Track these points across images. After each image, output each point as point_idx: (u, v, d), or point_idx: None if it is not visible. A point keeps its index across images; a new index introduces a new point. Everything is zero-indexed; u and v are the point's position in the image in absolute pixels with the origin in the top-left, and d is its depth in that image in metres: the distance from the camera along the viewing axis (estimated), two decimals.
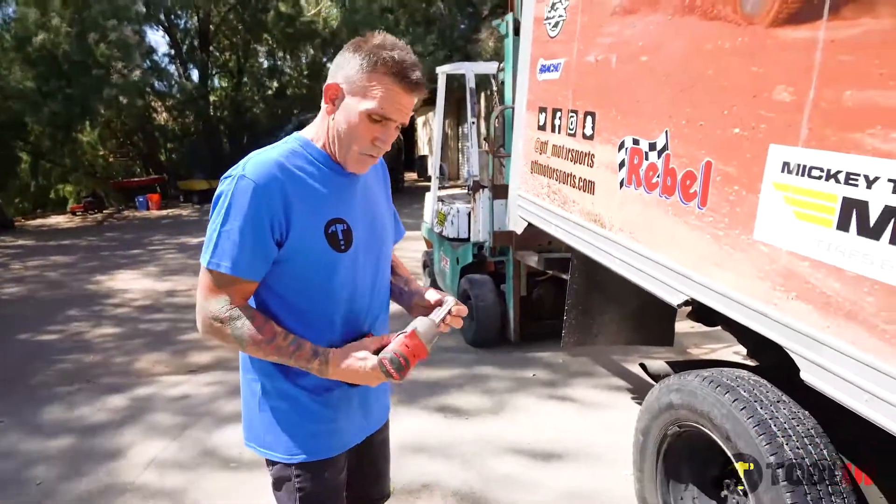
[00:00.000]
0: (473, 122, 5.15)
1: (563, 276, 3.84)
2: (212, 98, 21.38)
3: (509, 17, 4.31)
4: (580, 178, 2.81)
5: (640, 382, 4.05)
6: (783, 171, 1.64)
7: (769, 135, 1.68)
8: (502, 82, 4.82)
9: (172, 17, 19.87)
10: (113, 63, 14.78)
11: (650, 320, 3.36)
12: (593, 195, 2.70)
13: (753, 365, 2.55)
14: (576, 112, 2.83)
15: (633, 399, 3.90)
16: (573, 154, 2.87)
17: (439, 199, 5.93)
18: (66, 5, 13.65)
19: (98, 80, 14.20)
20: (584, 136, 2.75)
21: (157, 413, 3.94)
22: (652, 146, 2.24)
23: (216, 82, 22.74)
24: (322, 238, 1.33)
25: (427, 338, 1.33)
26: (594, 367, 4.47)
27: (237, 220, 1.27)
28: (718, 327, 2.73)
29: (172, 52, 20.53)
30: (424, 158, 22.16)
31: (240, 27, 20.49)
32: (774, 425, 1.77)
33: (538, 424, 3.60)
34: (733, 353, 4.40)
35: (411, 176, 20.81)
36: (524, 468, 3.14)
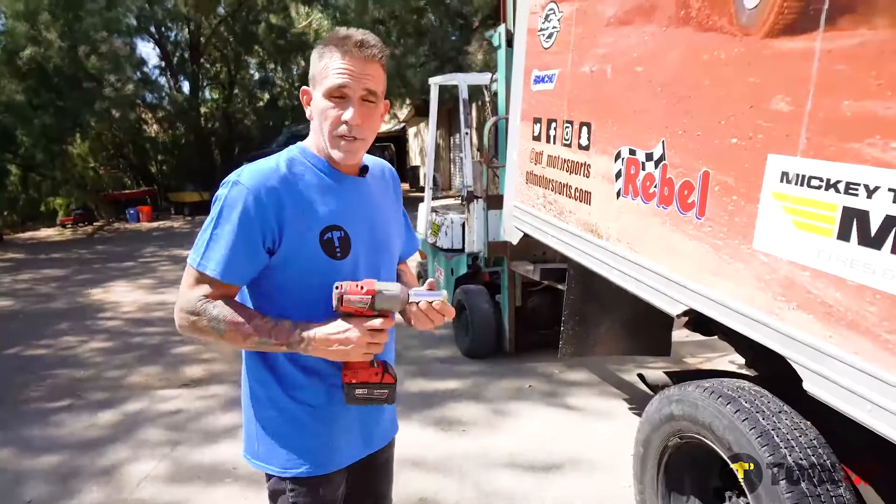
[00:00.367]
0: (467, 133, 5.16)
1: (559, 287, 3.83)
2: (203, 110, 21.37)
3: (502, 28, 4.34)
4: (576, 188, 2.81)
5: (637, 392, 4.04)
6: (782, 181, 1.64)
7: (767, 144, 1.68)
8: (495, 93, 4.84)
9: (163, 29, 19.89)
10: (104, 76, 14.75)
11: (647, 330, 3.36)
12: (590, 205, 2.70)
13: (753, 375, 2.54)
14: (571, 122, 2.84)
15: (631, 409, 3.89)
16: (569, 164, 2.87)
17: (433, 210, 5.92)
18: (56, 18, 13.62)
19: (89, 92, 14.16)
20: (580, 146, 2.75)
21: (149, 428, 3.89)
22: (649, 156, 2.24)
23: (207, 94, 22.74)
24: (317, 245, 1.33)
25: (387, 292, 1.27)
26: (590, 377, 4.46)
27: (228, 225, 1.29)
28: (715, 336, 2.73)
29: (163, 63, 20.54)
30: (416, 169, 22.20)
31: (231, 39, 20.52)
32: (777, 436, 1.76)
33: (535, 436, 3.58)
34: (729, 361, 4.41)
35: (403, 186, 20.73)
36: (522, 481, 3.11)
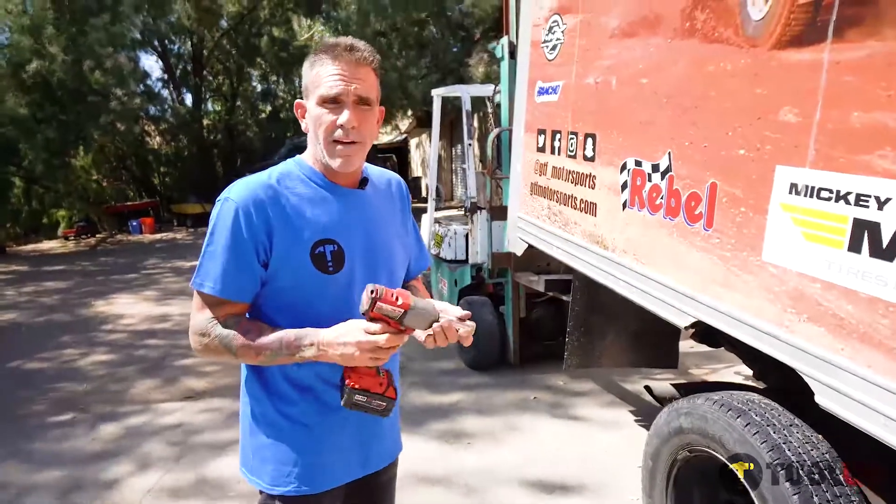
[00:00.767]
0: (470, 144, 5.16)
1: (563, 298, 3.82)
2: (205, 122, 21.46)
3: (504, 40, 4.35)
4: (581, 199, 2.81)
5: (643, 404, 4.02)
6: (791, 193, 1.63)
7: (775, 156, 1.68)
8: (498, 104, 4.85)
9: (166, 42, 20.02)
10: (109, 90, 14.83)
11: (653, 342, 3.34)
12: (595, 217, 2.69)
13: (762, 387, 2.52)
14: (576, 134, 2.83)
15: (637, 421, 3.86)
16: (574, 176, 2.87)
17: (436, 221, 5.92)
18: (60, 33, 13.72)
19: (94, 106, 14.23)
20: (585, 157, 2.75)
21: (152, 442, 3.86)
22: (655, 168, 2.23)
23: (210, 106, 22.85)
24: (307, 259, 1.31)
25: (422, 310, 1.24)
26: (595, 389, 4.43)
27: (220, 242, 1.29)
28: (721, 348, 2.71)
29: (166, 76, 20.66)
30: (418, 180, 22.23)
31: (233, 52, 20.65)
32: (788, 450, 1.74)
33: (541, 448, 3.55)
34: (735, 373, 4.38)
35: None
36: (529, 495, 3.08)
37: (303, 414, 1.38)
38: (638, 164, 2.34)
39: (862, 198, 1.43)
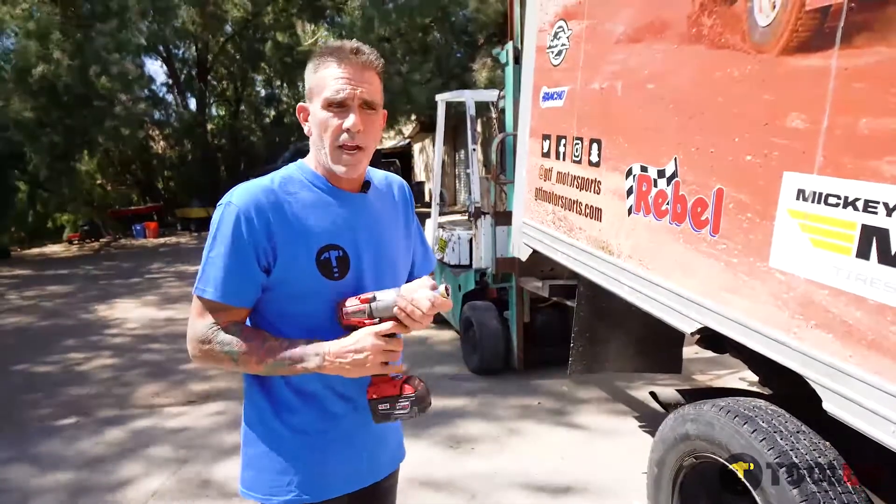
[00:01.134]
0: (474, 149, 5.17)
1: (568, 303, 3.82)
2: (209, 126, 21.53)
3: (509, 45, 4.36)
4: (587, 204, 2.81)
5: (647, 410, 4.00)
6: (798, 199, 1.63)
7: (783, 162, 1.68)
8: (502, 109, 4.86)
9: (171, 47, 20.11)
10: (114, 95, 14.88)
11: (658, 347, 3.34)
12: (600, 222, 2.70)
13: (768, 393, 2.52)
14: (581, 139, 2.84)
15: (641, 427, 3.85)
16: (579, 181, 2.87)
17: (440, 226, 5.92)
18: (67, 37, 13.79)
19: (99, 111, 14.28)
20: (590, 163, 2.75)
21: (156, 446, 3.86)
22: (661, 173, 2.23)
23: (214, 111, 22.94)
24: (312, 265, 1.29)
25: (382, 296, 1.28)
26: (599, 395, 4.42)
27: (222, 247, 1.27)
28: (725, 354, 2.70)
29: (170, 81, 20.73)
30: (421, 185, 22.26)
31: (237, 57, 20.73)
32: (795, 456, 1.74)
33: (545, 454, 3.54)
34: (739, 378, 4.37)
35: None
36: (532, 501, 3.07)
37: (305, 423, 1.35)
38: (644, 169, 2.34)
39: (870, 204, 1.43)
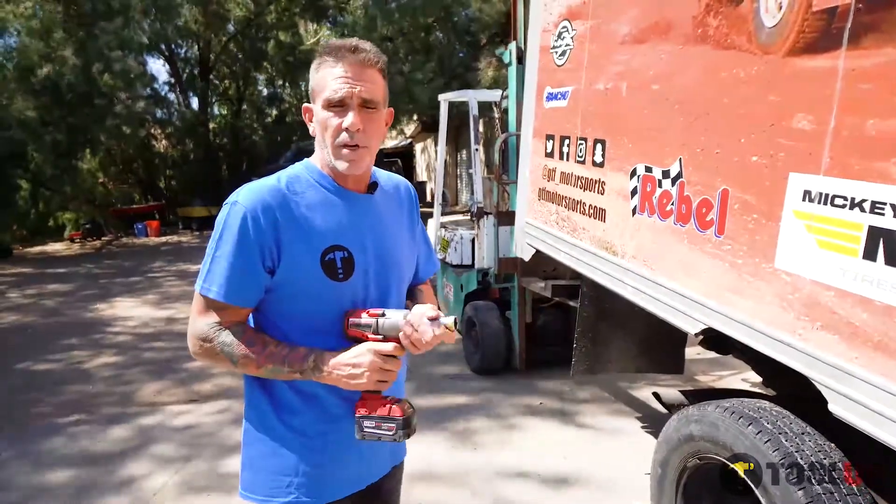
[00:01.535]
0: (477, 149, 5.17)
1: (570, 304, 3.81)
2: (211, 125, 21.53)
3: (512, 45, 4.36)
4: (590, 205, 2.81)
5: (649, 410, 4.00)
6: (804, 200, 1.63)
7: (789, 163, 1.68)
8: (505, 109, 4.86)
9: (174, 46, 20.12)
10: (116, 93, 14.89)
11: (660, 348, 3.33)
12: (604, 222, 2.69)
13: (772, 394, 2.51)
14: (585, 139, 2.84)
15: (643, 427, 3.85)
16: (583, 181, 2.87)
17: (442, 226, 5.92)
18: (70, 36, 13.79)
19: (101, 109, 14.29)
20: (594, 163, 2.75)
21: (161, 443, 3.87)
22: (665, 174, 2.23)
23: (216, 110, 22.94)
24: (317, 266, 1.28)
25: (391, 315, 1.29)
26: (601, 395, 4.42)
27: (227, 246, 1.26)
28: (728, 355, 2.70)
29: (172, 80, 20.74)
30: (423, 185, 22.27)
31: (240, 56, 20.73)
32: (801, 458, 1.73)
33: (547, 452, 3.54)
34: (742, 379, 4.37)
35: None
36: (534, 498, 3.07)
37: (306, 424, 1.35)
38: (648, 170, 2.34)
39: (877, 205, 1.42)
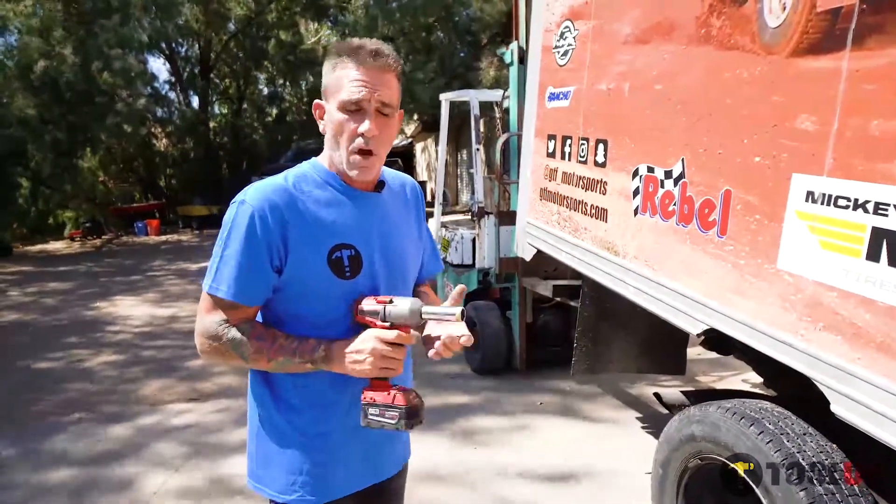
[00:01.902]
0: (478, 149, 5.17)
1: (571, 304, 3.82)
2: (212, 124, 21.53)
3: (514, 45, 4.36)
4: (592, 205, 2.81)
5: (650, 411, 4.00)
6: (807, 200, 1.63)
7: (792, 164, 1.68)
8: (506, 109, 4.86)
9: (174, 45, 20.11)
10: (117, 91, 14.89)
11: (661, 348, 3.33)
12: (606, 223, 2.69)
13: (773, 395, 2.51)
14: (587, 139, 2.84)
15: (644, 428, 3.85)
16: (584, 181, 2.87)
17: (443, 225, 5.92)
18: (70, 34, 13.79)
19: (101, 107, 14.28)
20: (596, 163, 2.75)
21: (162, 442, 3.87)
22: (668, 174, 2.23)
23: (216, 109, 22.93)
24: (324, 264, 1.28)
25: (399, 302, 1.28)
26: (602, 395, 4.42)
27: (235, 246, 1.26)
28: (729, 355, 2.70)
29: (173, 79, 20.74)
30: (423, 184, 22.27)
31: (240, 55, 20.73)
32: (802, 459, 1.74)
33: (548, 452, 3.54)
34: (742, 380, 4.37)
35: None
36: (535, 497, 3.07)
37: (310, 423, 1.36)
38: (650, 170, 2.34)
39: (881, 206, 1.43)
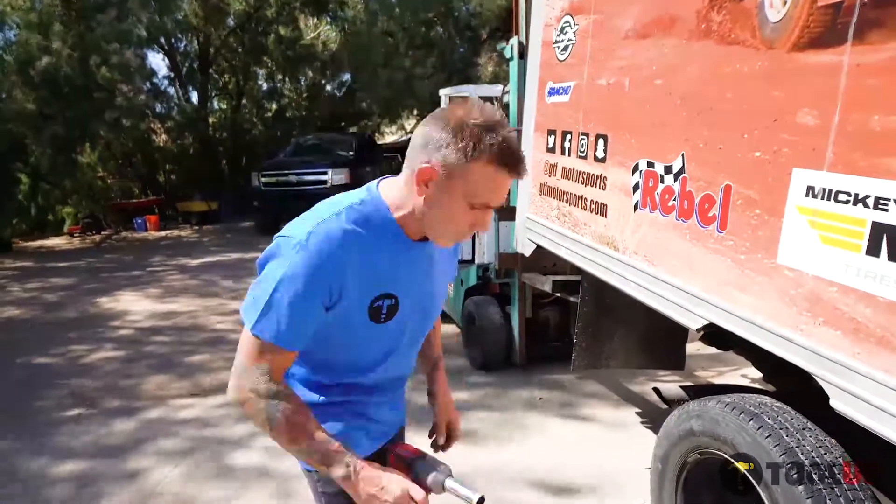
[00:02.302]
0: None
1: (571, 299, 3.82)
2: (211, 120, 21.47)
3: (514, 40, 4.34)
4: (592, 200, 2.81)
5: (649, 406, 4.01)
6: (808, 195, 1.63)
7: (792, 159, 1.67)
8: (506, 104, 4.85)
9: (173, 40, 20.05)
10: (115, 86, 14.86)
11: (661, 344, 3.34)
12: (606, 218, 2.69)
13: (772, 391, 2.52)
14: (587, 135, 2.83)
15: (643, 423, 3.86)
16: (584, 176, 2.86)
17: None
18: (68, 29, 13.74)
19: (100, 102, 14.25)
20: (596, 158, 2.75)
21: (165, 437, 3.88)
22: (668, 169, 2.23)
23: (215, 104, 22.86)
24: (365, 310, 1.29)
25: (427, 465, 1.35)
26: (601, 390, 4.42)
27: (290, 292, 1.20)
28: (728, 351, 2.70)
29: (172, 74, 20.68)
30: None
31: (240, 50, 20.66)
32: (801, 453, 1.74)
33: (547, 449, 3.55)
34: (741, 375, 4.37)
35: None
36: (534, 494, 3.08)
37: (323, 401, 1.42)
38: (650, 165, 2.34)
39: (881, 201, 1.42)
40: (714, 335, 2.32)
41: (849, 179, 1.51)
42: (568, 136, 3.02)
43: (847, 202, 1.51)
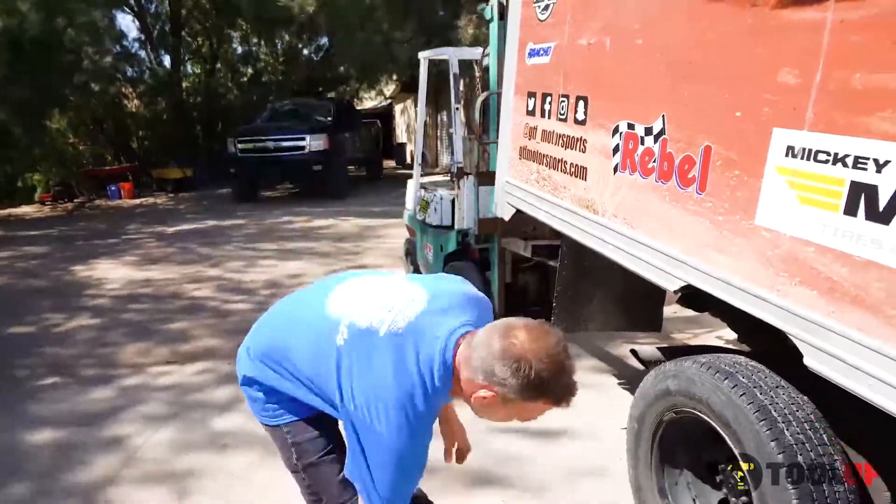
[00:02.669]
0: (457, 108, 5.09)
1: (550, 263, 3.82)
2: (185, 84, 20.93)
3: (494, 1, 4.25)
4: (571, 163, 2.78)
5: (626, 368, 4.07)
6: (787, 156, 1.62)
7: (773, 118, 1.66)
8: (486, 68, 4.77)
9: (143, 0, 19.38)
10: (83, 49, 14.36)
11: (639, 306, 3.36)
12: (585, 181, 2.68)
13: (747, 350, 2.56)
14: (567, 96, 2.80)
15: (620, 384, 3.91)
16: (564, 139, 2.84)
17: (422, 186, 5.87)
18: None
19: (67, 65, 13.79)
20: (576, 120, 2.72)
21: (143, 403, 3.86)
22: (648, 131, 2.21)
23: (189, 68, 22.27)
24: None
25: None
26: (580, 352, 4.47)
27: (411, 461, 1.51)
28: (704, 313, 2.73)
29: (143, 36, 20.04)
30: (403, 146, 22.02)
31: (213, 12, 20.05)
32: (774, 411, 1.77)
33: None
34: (716, 337, 4.45)
35: (390, 164, 20.65)
36: (518, 451, 3.14)
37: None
38: (631, 127, 2.32)
39: (860, 160, 1.42)
40: (691, 297, 2.33)
41: (829, 139, 1.50)
42: (548, 99, 2.98)
43: (826, 161, 1.51)
